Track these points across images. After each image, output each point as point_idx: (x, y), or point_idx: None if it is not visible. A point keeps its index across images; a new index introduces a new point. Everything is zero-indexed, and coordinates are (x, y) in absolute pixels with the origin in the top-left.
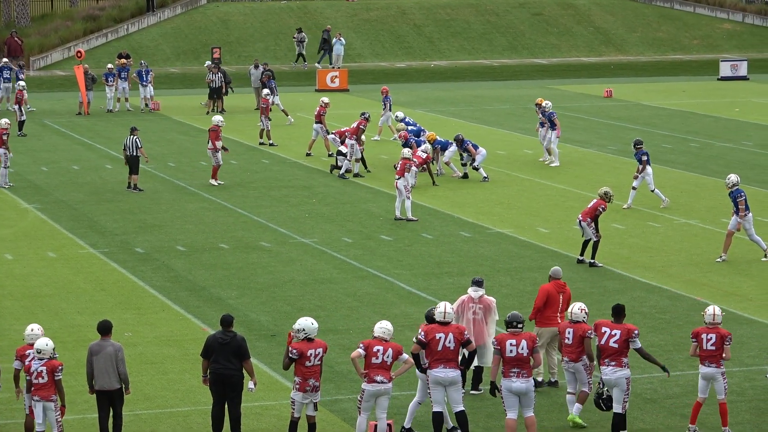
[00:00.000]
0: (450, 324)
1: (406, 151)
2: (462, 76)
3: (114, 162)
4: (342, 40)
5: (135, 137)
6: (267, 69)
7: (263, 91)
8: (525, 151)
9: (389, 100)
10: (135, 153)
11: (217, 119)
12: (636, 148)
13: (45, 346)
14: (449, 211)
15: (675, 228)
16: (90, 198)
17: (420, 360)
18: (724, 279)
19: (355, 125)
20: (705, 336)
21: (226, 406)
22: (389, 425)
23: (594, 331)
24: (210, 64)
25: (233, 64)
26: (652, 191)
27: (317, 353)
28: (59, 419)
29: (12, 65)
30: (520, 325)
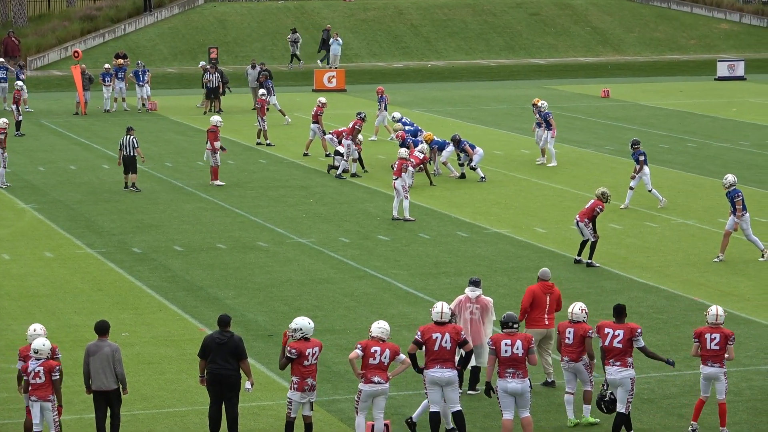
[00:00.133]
0: (447, 324)
1: (402, 151)
2: (459, 76)
3: (111, 162)
4: (339, 40)
5: (132, 137)
6: (264, 69)
7: (259, 91)
8: (522, 151)
9: (384, 100)
10: (132, 153)
11: (216, 119)
12: (633, 148)
13: (42, 346)
14: (446, 211)
15: (672, 228)
16: (87, 198)
17: (416, 360)
18: (721, 279)
19: (351, 125)
20: (709, 336)
21: (223, 406)
22: (386, 425)
23: (597, 333)
24: (204, 64)
25: (230, 64)
26: (649, 191)
27: (314, 352)
28: (56, 419)
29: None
30: (515, 326)
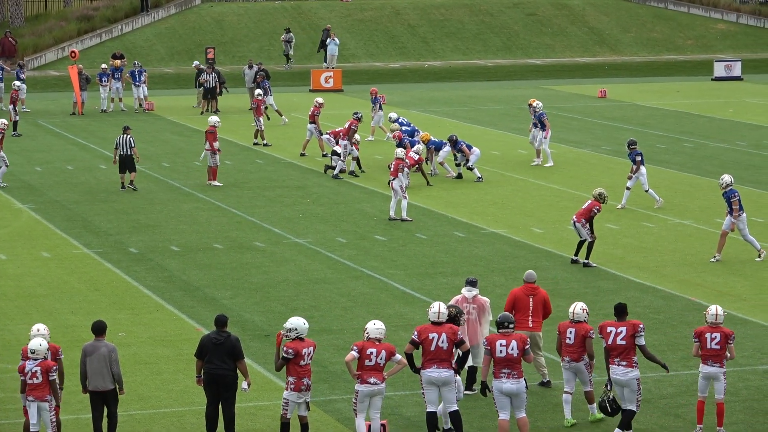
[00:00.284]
0: (443, 324)
1: (399, 151)
2: (456, 76)
3: (108, 162)
4: (336, 40)
5: (128, 136)
6: (261, 69)
7: (256, 91)
8: (519, 152)
9: (379, 100)
10: (128, 152)
11: (214, 120)
12: (630, 148)
13: (39, 346)
14: (443, 212)
15: (669, 228)
16: (84, 198)
17: (413, 360)
18: (718, 279)
19: (347, 125)
20: (709, 335)
21: (220, 406)
22: (383, 425)
23: (600, 334)
24: (198, 63)
25: (227, 64)
26: (646, 191)
27: (309, 352)
28: (54, 419)
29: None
30: (511, 326)
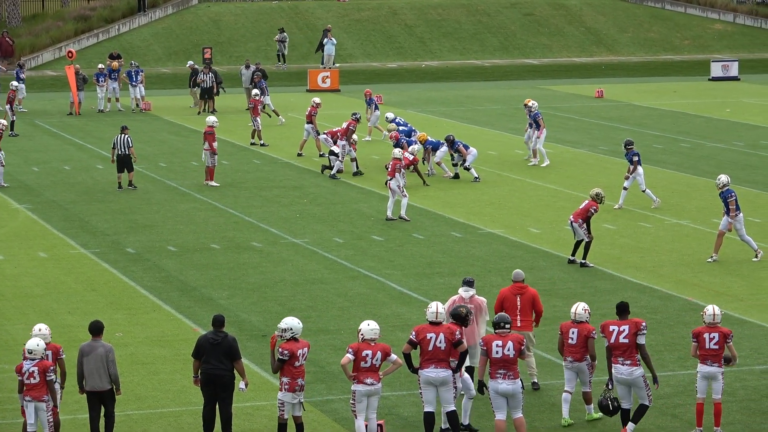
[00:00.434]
0: (441, 324)
1: (396, 152)
2: (453, 76)
3: (105, 162)
4: (333, 40)
5: (126, 136)
6: (259, 69)
7: (253, 92)
8: (516, 152)
9: (374, 101)
10: (126, 152)
11: (212, 120)
12: (627, 149)
13: (36, 346)
14: (440, 212)
15: (666, 228)
16: (81, 198)
17: (411, 360)
18: (715, 279)
19: (345, 126)
20: (708, 335)
21: (217, 406)
22: (380, 425)
23: (602, 333)
24: (192, 63)
25: (224, 64)
26: (643, 191)
27: (304, 353)
28: (51, 419)
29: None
30: (507, 326)
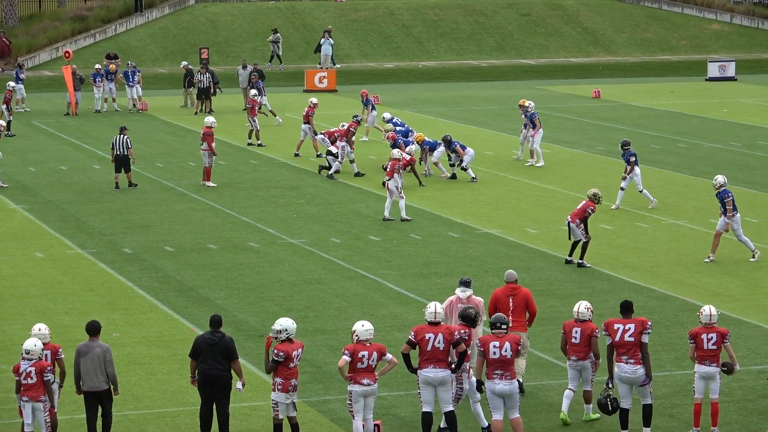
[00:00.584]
0: (440, 324)
1: (395, 152)
2: (450, 76)
3: (102, 162)
4: (330, 40)
5: (125, 137)
6: (257, 69)
7: (250, 92)
8: (513, 152)
9: (371, 102)
10: (124, 152)
11: (211, 120)
12: (623, 149)
13: (33, 346)
14: (437, 212)
15: (663, 228)
16: (78, 198)
17: (410, 360)
18: (712, 279)
19: (346, 127)
20: (705, 336)
21: (214, 406)
22: (377, 426)
23: (605, 331)
24: (186, 64)
25: (221, 64)
26: (640, 192)
27: (298, 354)
28: (48, 419)
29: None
30: (504, 327)
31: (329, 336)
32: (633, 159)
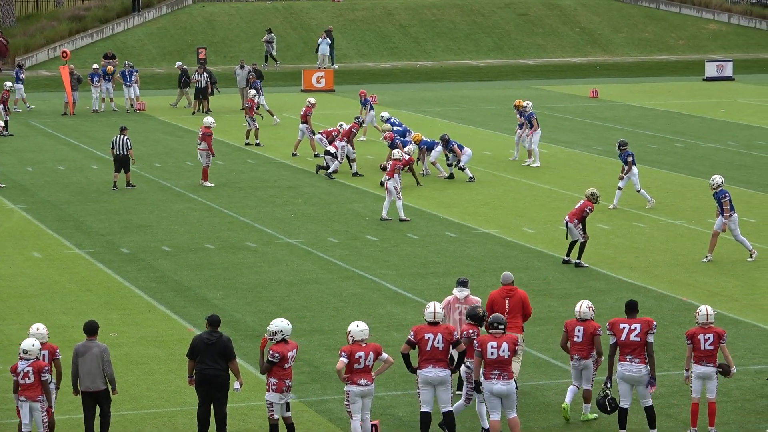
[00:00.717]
0: (439, 324)
1: (396, 153)
2: (448, 76)
3: (100, 162)
4: (327, 39)
5: (125, 137)
6: (255, 69)
7: (250, 92)
8: (511, 152)
9: (369, 102)
10: (124, 153)
11: (210, 121)
12: (620, 149)
13: (31, 346)
14: (435, 212)
15: (661, 228)
16: (75, 198)
17: (410, 360)
18: (709, 279)
19: (347, 128)
20: (702, 336)
21: (212, 406)
22: (374, 426)
23: (611, 330)
24: (180, 64)
25: (219, 64)
26: (638, 191)
27: (293, 355)
28: (45, 419)
29: None
30: (501, 327)
31: (327, 336)
32: (630, 159)
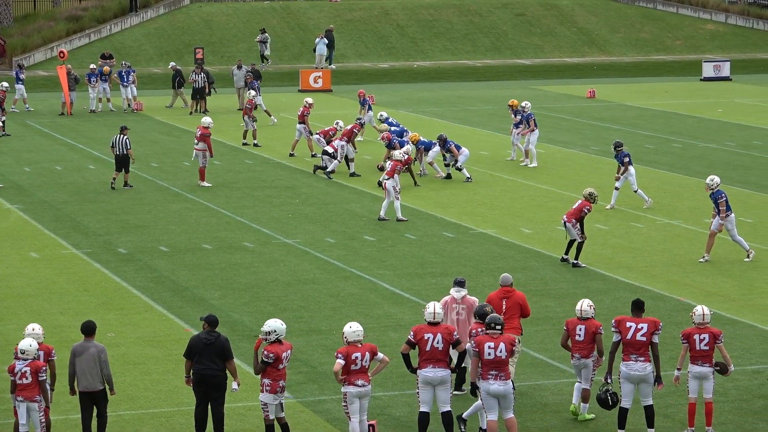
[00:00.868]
0: (439, 324)
1: (396, 153)
2: (445, 76)
3: (97, 162)
4: (325, 39)
5: (125, 137)
6: (253, 69)
7: (249, 93)
8: (508, 152)
9: (368, 101)
10: (124, 152)
11: (208, 121)
12: (616, 150)
13: (29, 346)
14: (432, 212)
15: (658, 228)
16: (73, 198)
17: (410, 360)
18: (706, 279)
19: (349, 128)
20: (698, 337)
21: (209, 406)
22: (372, 426)
23: (617, 328)
24: (174, 65)
25: (216, 64)
26: (635, 192)
27: (288, 355)
28: (43, 419)
29: None
30: (498, 327)
31: (324, 336)
32: (627, 159)
